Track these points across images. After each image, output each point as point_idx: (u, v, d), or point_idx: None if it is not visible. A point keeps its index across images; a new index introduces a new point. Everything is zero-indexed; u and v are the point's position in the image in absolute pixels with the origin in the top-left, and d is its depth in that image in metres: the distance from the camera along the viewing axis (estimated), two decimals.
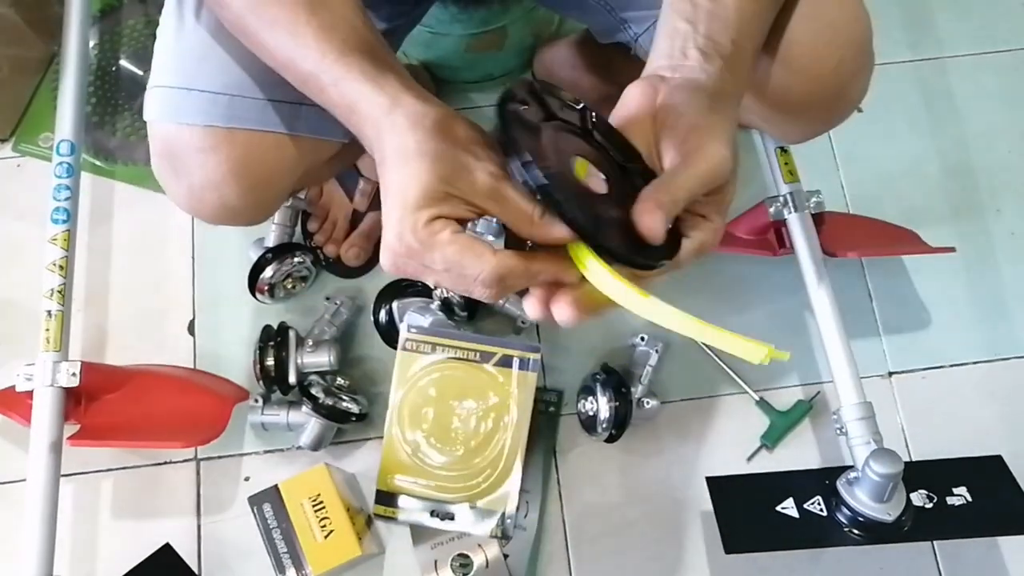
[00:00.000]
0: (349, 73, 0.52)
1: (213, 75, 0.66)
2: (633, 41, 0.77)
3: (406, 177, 0.47)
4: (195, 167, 0.68)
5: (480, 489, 0.93)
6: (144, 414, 0.97)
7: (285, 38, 0.55)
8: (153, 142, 0.69)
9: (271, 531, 0.91)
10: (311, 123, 0.71)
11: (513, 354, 0.93)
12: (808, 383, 1.08)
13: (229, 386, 1.04)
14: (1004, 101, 1.25)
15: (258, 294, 1.04)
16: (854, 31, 0.66)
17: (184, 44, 0.68)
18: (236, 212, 0.71)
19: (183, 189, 0.70)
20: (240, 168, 0.68)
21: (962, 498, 0.90)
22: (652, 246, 0.48)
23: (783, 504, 0.89)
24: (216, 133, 0.66)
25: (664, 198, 0.47)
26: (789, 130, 0.75)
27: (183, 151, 0.67)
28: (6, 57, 1.16)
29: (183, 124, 0.67)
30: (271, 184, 0.71)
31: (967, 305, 1.14)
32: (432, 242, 0.46)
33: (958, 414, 1.08)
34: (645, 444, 1.05)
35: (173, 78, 0.67)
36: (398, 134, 0.49)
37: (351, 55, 0.52)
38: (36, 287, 0.95)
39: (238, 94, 0.66)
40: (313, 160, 0.74)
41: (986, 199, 1.20)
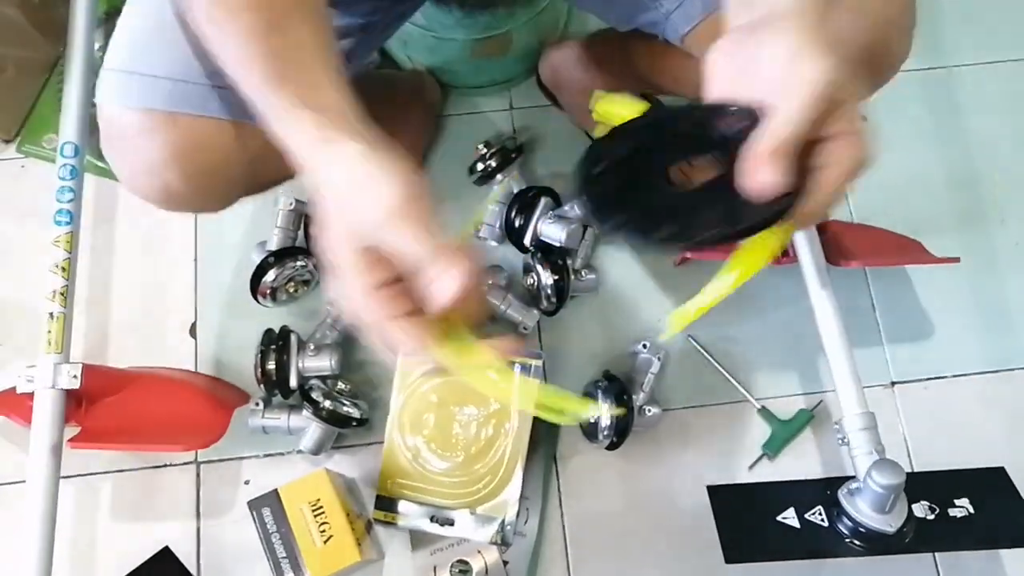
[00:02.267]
0: (272, 110, 0.55)
1: (158, 59, 0.67)
2: (664, 19, 0.77)
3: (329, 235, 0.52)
4: (136, 149, 0.68)
5: (480, 495, 0.93)
6: (145, 417, 0.97)
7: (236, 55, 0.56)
8: (100, 125, 0.70)
9: (270, 536, 0.90)
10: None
11: (515, 360, 0.93)
12: (810, 392, 1.08)
13: (230, 389, 1.04)
14: (1010, 111, 1.25)
15: (260, 297, 1.04)
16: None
17: (135, 28, 0.69)
18: (180, 198, 0.71)
19: (126, 171, 0.70)
20: (181, 153, 0.68)
21: (964, 510, 0.89)
22: (757, 205, 0.49)
23: (784, 514, 0.89)
24: (156, 116, 0.67)
25: (763, 148, 0.47)
26: None
27: (124, 133, 0.68)
28: (11, 59, 1.16)
29: (126, 107, 0.67)
30: (215, 171, 0.71)
31: (971, 315, 1.13)
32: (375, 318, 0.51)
33: (961, 425, 1.08)
34: (646, 452, 1.05)
35: (120, 62, 0.68)
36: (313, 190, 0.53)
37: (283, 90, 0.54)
38: (38, 288, 0.95)
39: (181, 79, 0.67)
40: (262, 149, 0.73)
41: (991, 209, 1.19)
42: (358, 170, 0.51)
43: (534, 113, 1.21)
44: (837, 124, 0.49)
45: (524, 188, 1.09)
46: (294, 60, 0.55)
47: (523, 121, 1.21)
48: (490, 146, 1.08)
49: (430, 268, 0.49)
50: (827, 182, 0.49)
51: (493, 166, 1.07)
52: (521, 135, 1.20)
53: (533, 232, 1.06)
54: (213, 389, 1.04)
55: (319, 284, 1.10)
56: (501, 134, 1.20)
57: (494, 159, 1.07)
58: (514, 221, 1.07)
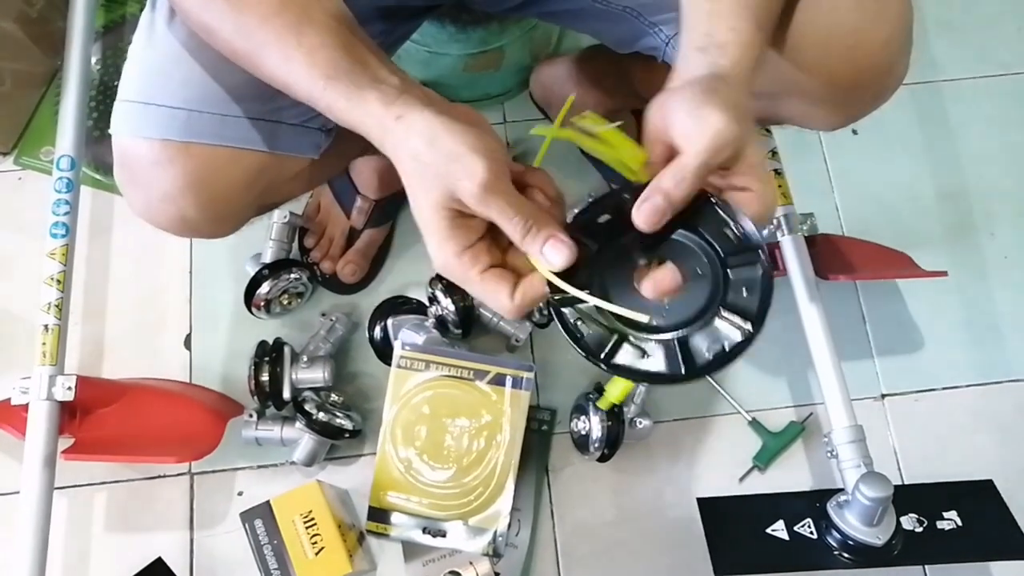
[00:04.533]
0: (337, 101, 0.54)
1: (173, 90, 0.68)
2: (664, 44, 0.78)
3: (418, 211, 0.53)
4: (152, 180, 0.69)
5: (472, 507, 0.93)
6: (139, 428, 0.97)
7: (278, 61, 0.56)
8: (115, 155, 0.71)
9: (262, 547, 0.91)
10: (272, 138, 0.72)
11: (506, 373, 0.94)
12: (801, 404, 1.08)
13: (224, 401, 1.05)
14: (999, 125, 1.26)
15: (254, 309, 1.04)
16: (899, 6, 0.67)
17: (149, 59, 0.70)
18: (195, 225, 0.72)
19: (141, 201, 0.71)
20: (196, 182, 0.69)
21: (952, 522, 0.90)
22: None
23: (774, 526, 0.89)
24: (172, 147, 0.68)
25: (652, 187, 0.51)
26: (835, 114, 0.75)
27: (140, 164, 0.69)
28: (9, 71, 1.17)
29: (140, 138, 0.68)
30: (229, 198, 0.72)
31: (960, 328, 1.14)
32: (464, 278, 0.53)
33: (950, 437, 1.08)
34: (637, 464, 1.05)
35: (135, 92, 0.69)
36: (397, 162, 0.53)
37: (337, 80, 0.54)
38: (34, 300, 0.96)
39: (196, 109, 0.68)
40: (274, 175, 0.75)
41: (980, 223, 1.20)
42: (444, 142, 0.51)
43: (527, 127, 1.23)
44: (740, 178, 0.53)
45: None
46: (332, 49, 0.55)
47: (517, 134, 1.22)
48: None
49: (531, 239, 0.52)
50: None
51: None
52: (514, 149, 1.21)
53: None
54: (207, 401, 1.04)
55: (313, 296, 1.11)
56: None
57: None
58: None
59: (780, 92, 0.73)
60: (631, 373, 0.54)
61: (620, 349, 0.54)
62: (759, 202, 0.53)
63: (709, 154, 0.51)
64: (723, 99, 0.52)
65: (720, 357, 0.53)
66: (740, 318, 0.53)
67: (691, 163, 0.51)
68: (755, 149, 0.53)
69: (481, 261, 0.53)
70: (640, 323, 0.54)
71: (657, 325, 0.54)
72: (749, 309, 0.54)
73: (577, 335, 0.55)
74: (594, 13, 0.81)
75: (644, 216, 0.52)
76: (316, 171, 0.81)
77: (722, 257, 0.54)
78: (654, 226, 0.52)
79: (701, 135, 0.50)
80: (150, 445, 0.97)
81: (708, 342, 0.54)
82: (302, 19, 0.56)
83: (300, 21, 0.56)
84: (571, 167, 1.15)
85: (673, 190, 0.51)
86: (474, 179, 0.50)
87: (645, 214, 0.52)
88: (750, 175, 0.53)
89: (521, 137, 1.22)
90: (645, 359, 0.54)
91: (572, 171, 1.16)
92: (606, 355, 0.54)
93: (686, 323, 0.54)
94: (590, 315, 0.55)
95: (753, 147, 0.53)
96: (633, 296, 0.55)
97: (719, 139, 0.50)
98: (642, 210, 0.52)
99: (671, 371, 0.54)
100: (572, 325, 0.55)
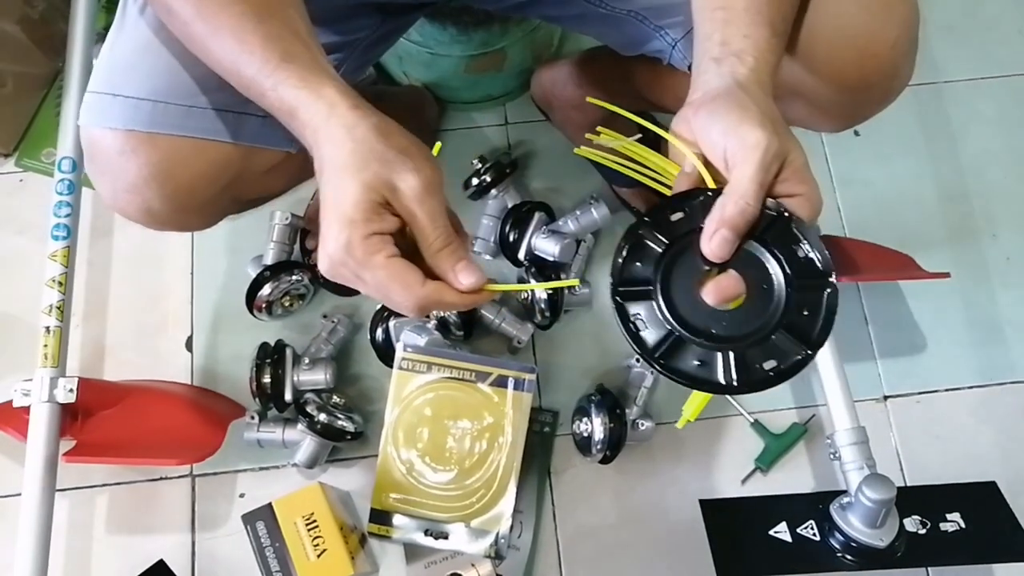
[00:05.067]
0: (289, 79, 0.55)
1: (140, 81, 0.68)
2: (670, 47, 0.78)
3: (340, 190, 0.52)
4: (117, 170, 0.69)
5: (474, 509, 0.93)
6: (140, 430, 0.97)
7: (232, 44, 0.57)
8: (83, 146, 0.71)
9: (264, 549, 0.91)
10: (241, 130, 0.72)
11: (508, 374, 0.94)
12: (803, 406, 1.08)
13: (225, 403, 1.05)
14: (1000, 126, 1.26)
15: (256, 311, 1.04)
16: (905, 9, 0.67)
17: (117, 51, 0.70)
18: (161, 216, 0.72)
19: (108, 191, 0.71)
20: (161, 172, 0.69)
21: (955, 524, 0.90)
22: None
23: (776, 528, 0.89)
24: (136, 137, 0.68)
25: (716, 219, 0.52)
26: (840, 116, 0.75)
27: (106, 154, 0.69)
28: (11, 74, 1.17)
29: (106, 128, 0.68)
30: (194, 190, 0.72)
31: (963, 330, 1.14)
32: (367, 261, 0.52)
33: (953, 438, 1.08)
34: (639, 465, 1.05)
35: (101, 84, 0.69)
36: (333, 144, 0.53)
37: (292, 63, 0.55)
38: (35, 302, 0.96)
39: (162, 100, 0.68)
40: (242, 168, 0.75)
41: (982, 224, 1.20)
42: (398, 139, 0.53)
43: (529, 128, 1.22)
44: (787, 186, 0.53)
45: (518, 203, 1.10)
46: (293, 40, 0.56)
47: (518, 136, 1.22)
48: (485, 161, 1.09)
49: (447, 254, 0.54)
50: None
51: (488, 181, 1.08)
52: (516, 150, 1.21)
53: (527, 247, 1.07)
54: (209, 402, 1.04)
55: (314, 298, 1.11)
56: (496, 149, 1.20)
57: (489, 174, 1.08)
58: (508, 235, 1.08)
59: (786, 94, 0.73)
60: (684, 376, 0.54)
61: (676, 352, 0.54)
62: (809, 205, 0.54)
63: (763, 173, 0.51)
64: (757, 112, 0.52)
65: (774, 375, 0.53)
66: (798, 339, 0.53)
67: (749, 187, 0.51)
68: (797, 153, 0.53)
69: (389, 248, 0.53)
70: (699, 329, 0.53)
71: (716, 333, 0.54)
72: (808, 332, 0.53)
73: (635, 331, 0.54)
74: (598, 17, 0.81)
75: (714, 249, 0.52)
76: (296, 167, 0.81)
77: (788, 275, 0.54)
78: (725, 257, 0.52)
79: (749, 155, 0.51)
80: (152, 447, 0.97)
81: (763, 357, 0.53)
82: (263, 11, 0.56)
83: (261, 12, 0.56)
84: (570, 167, 1.15)
85: (738, 217, 0.51)
86: (419, 176, 0.52)
87: (715, 247, 0.52)
88: (796, 180, 0.53)
89: (522, 139, 1.22)
90: (701, 366, 0.53)
91: (572, 171, 1.16)
92: (662, 355, 0.54)
93: (744, 335, 0.53)
94: (653, 316, 0.54)
95: (795, 151, 0.53)
96: (694, 299, 0.54)
97: (768, 155, 0.51)
98: (712, 243, 0.52)
99: (724, 381, 0.53)
100: (632, 322, 0.54)
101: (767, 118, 0.52)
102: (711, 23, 0.58)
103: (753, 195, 0.51)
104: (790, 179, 0.53)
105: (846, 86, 0.69)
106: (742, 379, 0.53)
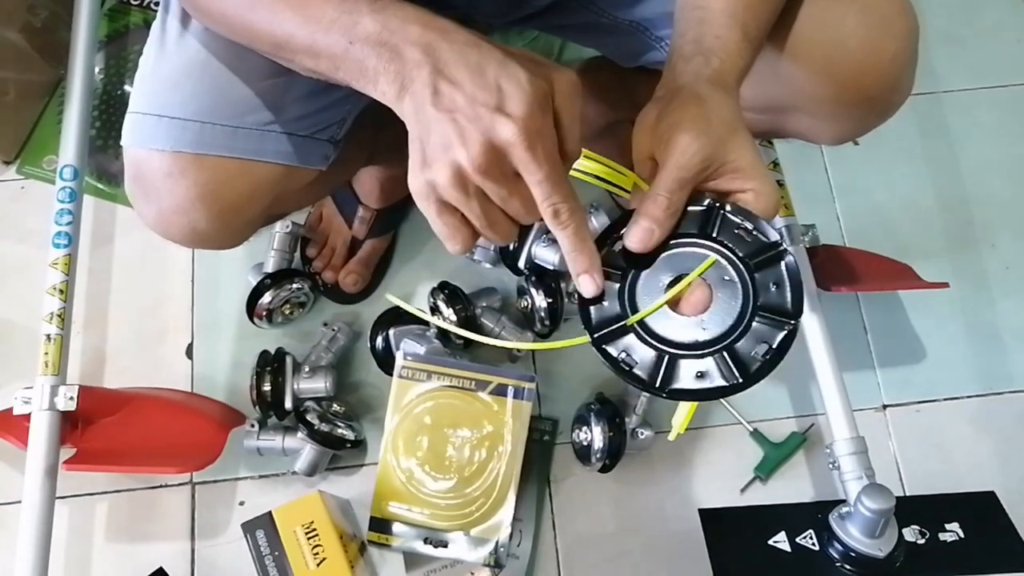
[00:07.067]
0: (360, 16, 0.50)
1: (185, 102, 0.68)
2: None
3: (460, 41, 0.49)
4: (164, 192, 0.69)
5: (474, 517, 0.93)
6: (140, 438, 0.97)
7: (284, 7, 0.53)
8: (126, 167, 0.71)
9: (264, 558, 0.91)
10: (283, 150, 0.72)
11: (508, 383, 0.94)
12: (802, 415, 1.08)
13: (225, 411, 1.05)
14: (1000, 136, 1.26)
15: (256, 319, 1.05)
16: (905, 23, 0.68)
17: (160, 71, 0.70)
18: (205, 236, 0.73)
19: (152, 212, 0.71)
20: (208, 193, 0.69)
21: (955, 534, 0.90)
22: None
23: (775, 538, 0.89)
24: (184, 158, 0.68)
25: (640, 214, 0.53)
26: (841, 128, 0.76)
27: (152, 176, 0.69)
28: (13, 82, 1.18)
29: (152, 149, 0.68)
30: (240, 210, 0.73)
31: (962, 339, 1.14)
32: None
33: (952, 448, 1.08)
34: (639, 474, 1.05)
35: (146, 104, 0.69)
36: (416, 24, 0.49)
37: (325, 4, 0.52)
38: (36, 309, 0.96)
39: (208, 121, 0.68)
40: (284, 187, 0.75)
41: (981, 233, 1.20)
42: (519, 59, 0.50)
43: None
44: (732, 181, 0.54)
45: None
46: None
47: None
48: None
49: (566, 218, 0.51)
50: None
51: None
52: None
53: (527, 255, 1.07)
54: (209, 411, 1.04)
55: (314, 306, 1.11)
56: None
57: None
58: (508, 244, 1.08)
59: (786, 107, 0.74)
60: (692, 394, 0.54)
61: (674, 374, 0.54)
62: (761, 199, 0.54)
63: (679, 170, 0.52)
64: (696, 113, 0.53)
65: (770, 357, 0.54)
66: (777, 315, 0.54)
67: (663, 180, 0.52)
68: (742, 152, 0.54)
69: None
70: (686, 343, 0.54)
71: (701, 341, 0.54)
72: (783, 304, 0.54)
73: (625, 368, 0.55)
74: (600, 27, 0.81)
75: (635, 240, 0.54)
76: (321, 183, 0.82)
77: (744, 259, 0.55)
78: (647, 247, 0.53)
79: (670, 154, 0.52)
80: (152, 455, 0.97)
81: (754, 345, 0.54)
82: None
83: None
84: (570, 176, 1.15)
85: (652, 207, 0.53)
86: (568, 73, 0.50)
87: (635, 238, 0.54)
88: (742, 176, 0.54)
89: None
90: (701, 378, 0.54)
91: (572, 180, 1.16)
92: (661, 383, 0.54)
93: (727, 333, 0.54)
94: (638, 348, 0.55)
95: (740, 150, 0.54)
96: (672, 318, 0.55)
97: (685, 155, 0.52)
98: (631, 234, 0.54)
99: (729, 383, 0.54)
100: (619, 360, 0.55)
101: (700, 117, 0.52)
102: (687, 22, 0.59)
103: (664, 187, 0.52)
104: (734, 176, 0.54)
105: (846, 100, 0.69)
106: (744, 374, 0.53)
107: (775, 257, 0.55)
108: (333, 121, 0.77)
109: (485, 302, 1.07)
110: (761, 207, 0.54)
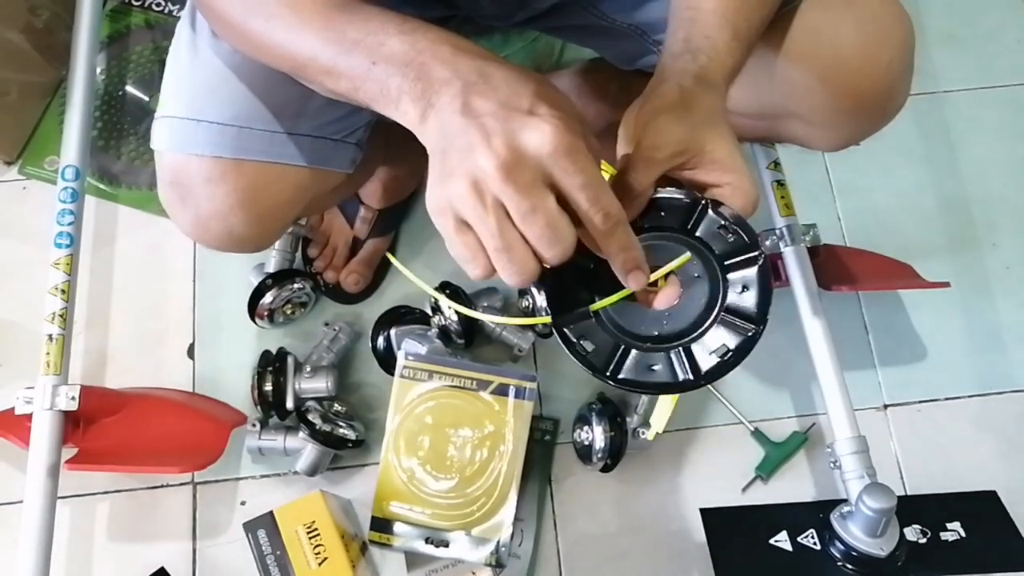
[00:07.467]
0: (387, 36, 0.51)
1: (222, 107, 0.68)
2: None
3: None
4: (203, 197, 0.69)
5: (475, 517, 0.93)
6: (142, 438, 0.97)
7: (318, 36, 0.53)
8: (161, 171, 0.71)
9: (265, 558, 0.91)
10: (316, 154, 0.72)
11: (510, 383, 0.94)
12: (803, 414, 1.08)
13: (227, 410, 1.05)
14: (1000, 136, 1.26)
15: (258, 319, 1.05)
16: (901, 31, 0.68)
17: (196, 75, 0.70)
18: (241, 241, 0.73)
19: (190, 218, 0.71)
20: (247, 199, 0.69)
21: (956, 533, 0.90)
22: None
23: (777, 537, 0.89)
24: (224, 164, 0.68)
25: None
26: (837, 135, 0.76)
27: (191, 181, 0.69)
28: (15, 82, 1.18)
29: (191, 154, 0.68)
30: (276, 214, 0.73)
31: (963, 338, 1.14)
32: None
33: (953, 447, 1.08)
34: (640, 474, 1.05)
35: (183, 109, 0.69)
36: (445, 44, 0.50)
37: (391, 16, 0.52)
38: (38, 309, 0.96)
39: (246, 126, 0.68)
40: (318, 190, 0.76)
41: (982, 233, 1.20)
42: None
43: None
44: (709, 174, 0.54)
45: None
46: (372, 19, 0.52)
47: None
48: None
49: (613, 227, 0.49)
50: None
51: None
52: None
53: None
54: (210, 410, 1.04)
55: (316, 306, 1.11)
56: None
57: None
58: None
59: (782, 113, 0.74)
60: (639, 386, 0.54)
61: (625, 363, 0.54)
62: (739, 194, 0.54)
63: (650, 149, 0.52)
64: (673, 99, 0.53)
65: (724, 361, 0.53)
66: (742, 319, 0.54)
67: (634, 161, 0.52)
68: (720, 143, 0.53)
69: None
70: (643, 336, 0.54)
71: (661, 335, 0.54)
72: (749, 309, 0.54)
73: (582, 353, 0.55)
74: (599, 29, 0.81)
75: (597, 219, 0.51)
76: (345, 186, 0.82)
77: (718, 257, 0.55)
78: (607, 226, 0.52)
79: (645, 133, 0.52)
80: (153, 455, 0.97)
81: (712, 346, 0.54)
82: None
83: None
84: None
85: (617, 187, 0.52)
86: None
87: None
88: (718, 169, 0.54)
89: None
90: (651, 371, 0.54)
91: None
92: (612, 371, 0.54)
93: (688, 331, 0.54)
94: (594, 331, 0.55)
95: (718, 141, 0.53)
96: (635, 308, 0.55)
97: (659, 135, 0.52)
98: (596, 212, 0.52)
99: (677, 380, 0.54)
100: (576, 343, 0.55)
101: (689, 106, 0.53)
102: (678, 21, 0.59)
103: (632, 165, 0.52)
104: (711, 168, 0.54)
105: (842, 108, 0.69)
106: (696, 374, 0.53)
107: (749, 260, 0.54)
108: (359, 124, 0.78)
109: (486, 302, 1.07)
110: (739, 203, 0.54)
